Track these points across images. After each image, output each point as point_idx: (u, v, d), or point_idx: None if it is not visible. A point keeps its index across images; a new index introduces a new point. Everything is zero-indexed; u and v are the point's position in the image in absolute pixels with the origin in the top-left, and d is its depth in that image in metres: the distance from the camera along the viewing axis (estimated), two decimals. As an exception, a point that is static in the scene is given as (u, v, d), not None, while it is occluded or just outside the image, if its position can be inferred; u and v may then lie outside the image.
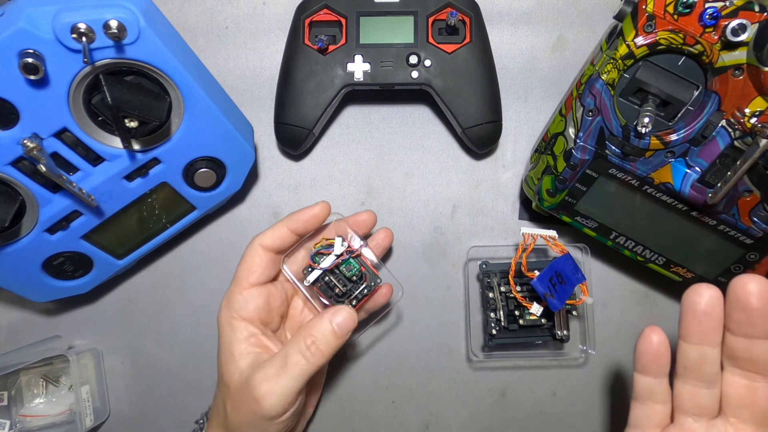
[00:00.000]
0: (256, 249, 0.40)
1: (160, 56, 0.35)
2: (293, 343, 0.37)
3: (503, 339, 0.45)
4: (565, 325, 0.44)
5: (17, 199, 0.37)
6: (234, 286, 0.40)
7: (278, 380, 0.36)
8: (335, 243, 0.41)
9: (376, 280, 0.42)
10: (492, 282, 0.45)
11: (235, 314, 0.39)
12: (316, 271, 0.41)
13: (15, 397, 0.48)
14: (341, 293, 0.42)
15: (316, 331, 0.37)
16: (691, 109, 0.37)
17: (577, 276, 0.42)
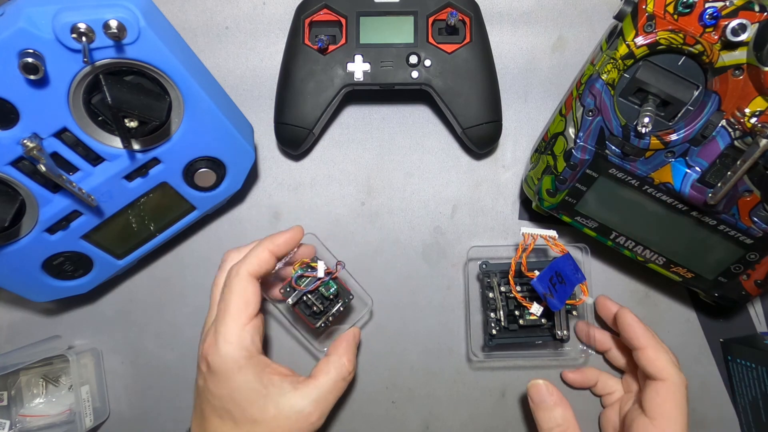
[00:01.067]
0: (247, 278, 0.38)
1: (160, 56, 0.35)
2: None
3: (503, 339, 0.45)
4: (566, 325, 0.44)
5: (17, 199, 0.37)
6: (231, 323, 0.37)
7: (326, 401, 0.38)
8: (318, 267, 0.42)
9: (349, 296, 0.44)
10: (492, 282, 0.45)
11: (245, 353, 0.37)
12: (298, 292, 0.43)
13: (15, 397, 0.48)
14: (319, 311, 0.43)
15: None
16: (691, 109, 0.37)
17: (577, 276, 0.42)
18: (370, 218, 0.50)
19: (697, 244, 0.42)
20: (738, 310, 0.50)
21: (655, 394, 0.38)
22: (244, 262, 0.38)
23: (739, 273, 0.42)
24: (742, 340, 0.49)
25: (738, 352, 0.48)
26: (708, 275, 0.43)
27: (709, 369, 0.50)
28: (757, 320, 0.50)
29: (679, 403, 0.38)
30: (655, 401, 0.38)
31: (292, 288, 0.43)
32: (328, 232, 0.50)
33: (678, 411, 0.37)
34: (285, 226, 0.50)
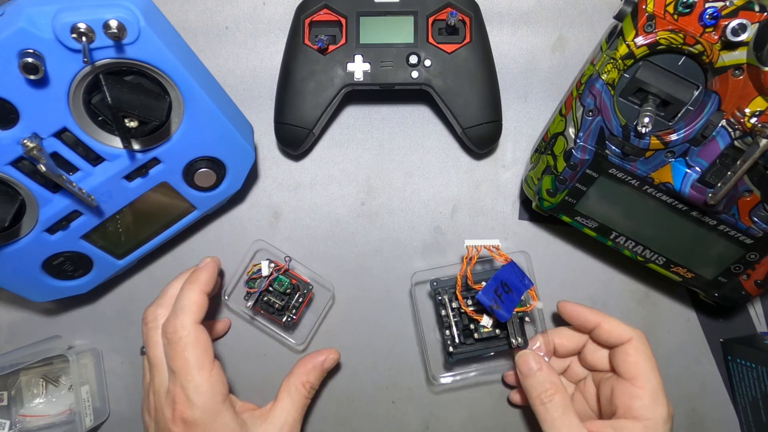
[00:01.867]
0: (197, 328, 0.38)
1: (160, 56, 0.35)
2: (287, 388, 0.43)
3: (462, 354, 0.44)
4: (520, 333, 0.43)
5: (17, 199, 0.37)
6: (197, 375, 0.37)
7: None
8: (263, 266, 0.46)
9: (308, 287, 0.47)
10: (443, 299, 0.44)
11: (220, 397, 0.37)
12: (254, 295, 0.46)
13: (15, 397, 0.48)
14: (281, 307, 0.47)
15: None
16: (691, 109, 0.37)
17: (524, 282, 0.42)
18: (370, 218, 0.50)
19: (697, 244, 0.42)
20: (738, 310, 0.50)
21: (626, 355, 0.39)
22: (185, 312, 0.38)
23: (739, 273, 0.42)
24: (742, 340, 0.49)
25: (738, 352, 0.48)
26: (708, 275, 0.43)
27: (709, 369, 0.50)
28: (757, 320, 0.50)
29: (649, 356, 0.39)
30: (628, 362, 0.39)
31: (248, 293, 0.46)
32: (328, 232, 0.50)
33: (650, 364, 0.39)
34: (285, 226, 0.50)
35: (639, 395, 0.38)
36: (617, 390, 0.39)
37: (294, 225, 0.50)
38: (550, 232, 0.50)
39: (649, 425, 0.37)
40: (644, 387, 0.38)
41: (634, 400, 0.38)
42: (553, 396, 0.38)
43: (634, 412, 0.37)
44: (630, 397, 0.38)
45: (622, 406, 0.38)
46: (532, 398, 0.39)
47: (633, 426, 0.37)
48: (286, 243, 0.50)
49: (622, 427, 0.37)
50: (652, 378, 0.38)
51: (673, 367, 0.50)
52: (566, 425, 0.37)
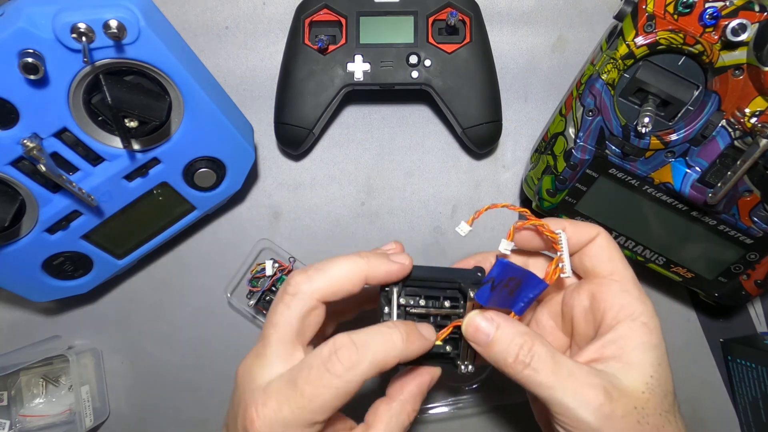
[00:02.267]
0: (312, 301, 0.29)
1: (160, 56, 0.35)
2: None
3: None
4: (472, 357, 0.32)
5: (17, 199, 0.37)
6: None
7: None
8: (267, 266, 0.46)
9: None
10: (390, 289, 0.31)
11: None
12: (256, 294, 0.46)
13: (15, 397, 0.48)
14: None
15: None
16: (691, 109, 0.37)
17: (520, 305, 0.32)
18: (370, 218, 0.50)
19: (697, 244, 0.42)
20: (738, 310, 0.50)
21: (599, 248, 0.32)
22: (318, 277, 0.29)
23: (739, 273, 0.42)
24: (742, 340, 0.49)
25: (738, 352, 0.48)
26: (708, 275, 0.43)
27: (709, 369, 0.50)
28: (757, 320, 0.50)
29: (618, 248, 0.33)
30: (603, 255, 0.32)
31: (250, 291, 0.47)
32: (328, 232, 0.50)
33: (623, 256, 0.33)
34: (285, 226, 0.50)
35: (626, 288, 0.31)
36: (598, 293, 0.31)
37: (294, 225, 0.50)
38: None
39: (645, 320, 0.30)
40: (627, 278, 0.32)
41: (623, 295, 0.31)
42: (532, 348, 0.28)
43: (626, 310, 0.30)
44: (617, 294, 0.31)
45: (611, 308, 0.30)
46: (510, 367, 0.29)
47: (630, 328, 0.29)
48: (286, 243, 0.50)
49: (620, 336, 0.29)
50: (629, 268, 0.32)
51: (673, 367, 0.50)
52: (565, 375, 0.28)
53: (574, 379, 0.27)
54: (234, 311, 0.50)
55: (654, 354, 0.29)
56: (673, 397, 0.30)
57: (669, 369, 0.30)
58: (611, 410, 0.27)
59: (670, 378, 0.29)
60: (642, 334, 0.29)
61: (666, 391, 0.29)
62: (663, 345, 0.30)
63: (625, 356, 0.29)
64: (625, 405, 0.27)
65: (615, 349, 0.29)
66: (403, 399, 0.31)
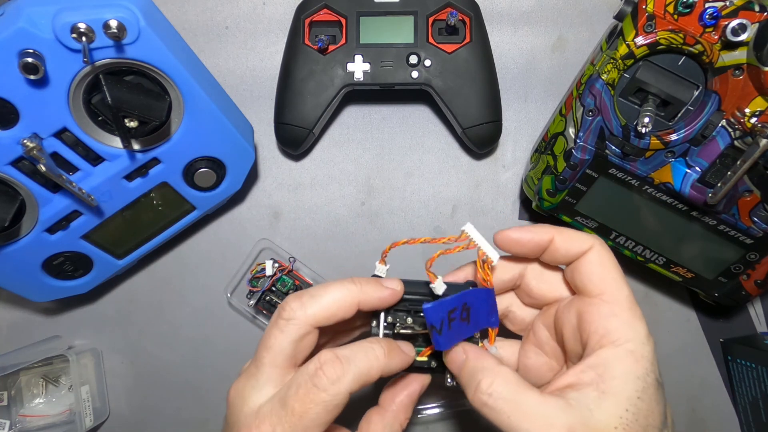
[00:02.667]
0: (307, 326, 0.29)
1: (160, 56, 0.35)
2: None
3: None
4: None
5: (17, 199, 0.37)
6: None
7: None
8: (267, 266, 0.46)
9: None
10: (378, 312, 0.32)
11: None
12: (256, 294, 0.46)
13: (15, 397, 0.48)
14: None
15: None
16: (691, 109, 0.37)
17: (490, 319, 0.32)
18: (370, 218, 0.50)
19: (697, 244, 0.42)
20: (738, 310, 0.50)
21: (590, 265, 0.30)
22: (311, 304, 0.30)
23: (739, 273, 0.42)
24: (742, 340, 0.49)
25: (738, 352, 0.48)
26: (708, 275, 0.43)
27: (709, 369, 0.50)
28: (757, 320, 0.50)
29: (616, 264, 0.30)
30: (594, 273, 0.30)
31: (250, 291, 0.47)
32: (328, 232, 0.50)
33: (619, 273, 0.30)
34: (285, 226, 0.50)
35: (614, 312, 0.29)
36: (585, 314, 0.29)
37: (294, 225, 0.50)
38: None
39: (633, 348, 0.27)
40: (618, 300, 0.29)
41: (610, 319, 0.29)
42: (492, 386, 0.27)
43: (612, 335, 0.28)
44: (603, 317, 0.29)
45: (596, 332, 0.28)
46: (471, 398, 0.28)
47: (614, 355, 0.27)
48: (286, 243, 0.50)
49: (602, 362, 0.27)
50: (624, 288, 0.30)
51: (673, 367, 0.50)
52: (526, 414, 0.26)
53: (535, 418, 0.26)
54: (234, 311, 0.50)
55: (635, 385, 0.26)
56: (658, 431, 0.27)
57: (657, 401, 0.27)
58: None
59: (655, 411, 0.27)
60: (626, 362, 0.27)
61: (646, 426, 0.26)
62: (652, 376, 0.27)
63: (602, 384, 0.27)
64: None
65: (594, 376, 0.27)
66: (396, 408, 0.32)
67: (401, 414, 0.32)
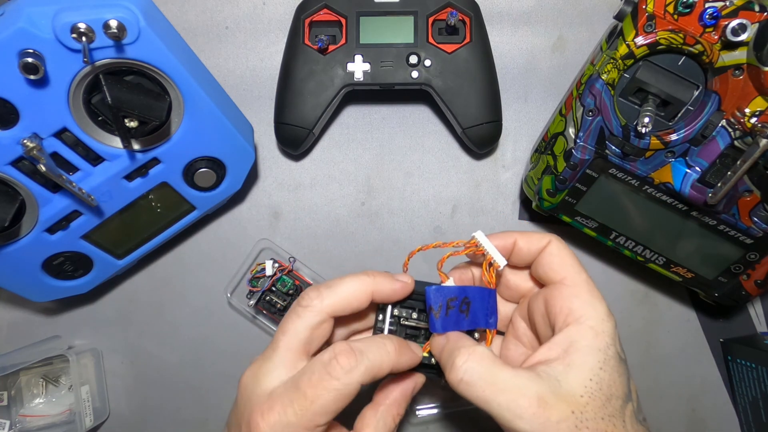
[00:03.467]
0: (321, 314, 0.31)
1: (160, 56, 0.35)
2: None
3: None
4: None
5: (17, 199, 0.37)
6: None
7: None
8: (267, 266, 0.46)
9: None
10: (385, 305, 0.34)
11: None
12: (256, 294, 0.46)
13: (15, 397, 0.48)
14: (282, 307, 0.47)
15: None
16: (691, 109, 0.37)
17: (489, 320, 0.33)
18: (370, 218, 0.50)
19: (697, 244, 0.42)
20: (738, 310, 0.50)
21: (550, 256, 0.33)
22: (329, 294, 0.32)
23: (739, 273, 0.42)
24: (742, 340, 0.49)
25: (738, 352, 0.48)
26: (708, 275, 0.43)
27: (709, 369, 0.50)
28: (757, 320, 0.50)
29: (572, 254, 0.33)
30: (554, 262, 0.33)
31: (250, 291, 0.47)
32: (328, 232, 0.50)
33: (576, 260, 0.33)
34: (285, 226, 0.50)
35: (575, 293, 0.31)
36: (551, 298, 0.32)
37: (294, 225, 0.50)
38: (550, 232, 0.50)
39: (595, 325, 0.30)
40: (577, 283, 0.32)
41: (572, 300, 0.31)
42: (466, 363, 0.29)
43: (575, 313, 0.30)
44: (565, 298, 0.31)
45: (561, 312, 0.31)
46: (448, 377, 0.30)
47: (577, 331, 0.30)
48: (286, 243, 0.50)
49: (567, 338, 0.30)
50: (582, 273, 0.32)
51: (673, 367, 0.50)
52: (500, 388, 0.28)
53: (507, 391, 0.28)
54: (234, 311, 0.50)
55: (597, 357, 0.29)
56: (623, 401, 0.29)
57: (619, 373, 0.29)
58: (546, 417, 0.27)
59: (617, 382, 0.29)
60: (587, 337, 0.29)
61: (609, 395, 0.28)
62: (612, 349, 0.29)
63: (567, 358, 0.29)
64: (561, 410, 0.27)
65: (559, 351, 0.30)
66: (389, 403, 0.33)
67: (393, 409, 0.34)
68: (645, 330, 0.50)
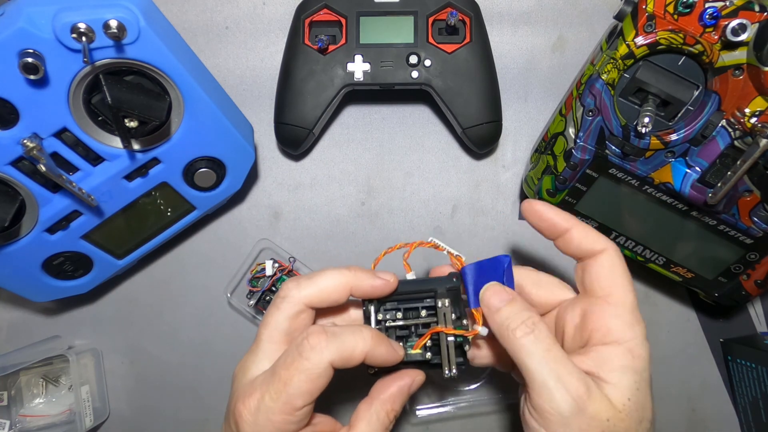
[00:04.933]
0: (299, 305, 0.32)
1: (160, 56, 0.35)
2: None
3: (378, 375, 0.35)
4: (454, 362, 0.32)
5: (17, 199, 0.37)
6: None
7: None
8: (267, 266, 0.46)
9: None
10: (368, 308, 0.33)
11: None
12: (256, 294, 0.46)
13: (15, 397, 0.48)
14: None
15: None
16: (691, 109, 0.37)
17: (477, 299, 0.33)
18: (370, 218, 0.50)
19: (697, 244, 0.42)
20: (738, 310, 0.50)
21: (600, 267, 0.32)
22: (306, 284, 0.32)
23: (739, 273, 0.42)
24: (742, 340, 0.49)
25: (738, 352, 0.48)
26: (708, 275, 0.43)
27: (709, 369, 0.50)
28: (757, 320, 0.50)
29: (626, 270, 0.32)
30: (603, 275, 0.32)
31: (250, 291, 0.47)
32: (328, 232, 0.50)
33: (628, 278, 0.32)
34: (285, 226, 0.50)
35: (617, 313, 0.31)
36: (590, 313, 0.31)
37: (294, 225, 0.50)
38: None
39: (632, 346, 0.30)
40: (622, 303, 0.31)
41: (613, 320, 0.30)
42: (536, 324, 0.29)
43: (613, 335, 0.30)
44: (606, 318, 0.31)
45: (598, 330, 0.30)
46: (509, 332, 0.30)
47: (614, 351, 0.30)
48: (286, 243, 0.50)
49: (602, 356, 0.30)
50: (630, 294, 0.32)
51: (673, 367, 0.50)
52: (559, 359, 0.28)
53: (562, 365, 0.28)
54: (234, 311, 0.50)
55: (634, 378, 0.29)
56: (650, 425, 0.29)
57: (649, 397, 0.29)
58: (585, 405, 0.27)
59: (649, 406, 0.29)
60: (624, 358, 0.29)
61: (642, 418, 0.29)
62: (646, 373, 0.29)
63: (603, 375, 0.29)
64: (599, 409, 0.27)
65: (593, 366, 0.29)
66: (383, 398, 0.33)
67: (388, 404, 0.33)
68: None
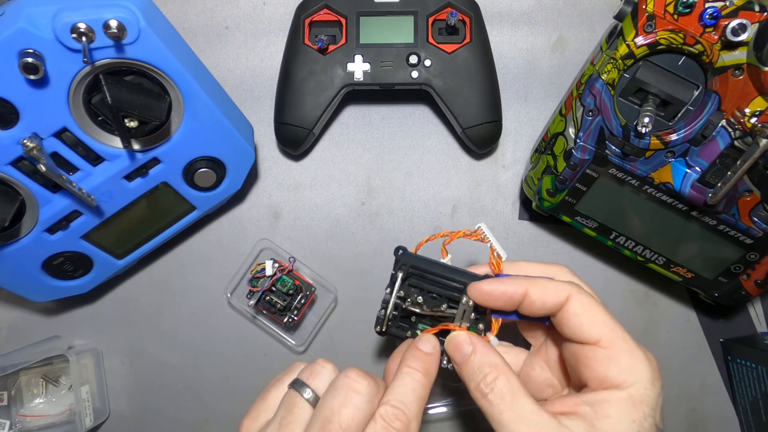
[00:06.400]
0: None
1: (160, 56, 0.35)
2: None
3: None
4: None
5: (17, 199, 0.37)
6: None
7: None
8: (267, 266, 0.47)
9: (311, 289, 0.48)
10: (396, 275, 0.33)
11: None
12: (256, 294, 0.46)
13: (15, 397, 0.48)
14: (282, 307, 0.47)
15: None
16: (691, 109, 0.37)
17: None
18: (370, 218, 0.50)
19: (697, 244, 0.42)
20: (738, 310, 0.50)
21: (574, 316, 0.29)
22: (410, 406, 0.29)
23: (739, 273, 0.42)
24: (742, 340, 0.49)
25: (738, 352, 0.48)
26: (708, 275, 0.43)
27: (709, 369, 0.50)
28: (757, 320, 0.50)
29: (600, 306, 0.29)
30: (582, 324, 0.29)
31: (250, 291, 0.47)
32: (328, 232, 0.50)
33: (606, 315, 0.29)
34: (285, 226, 0.50)
35: (613, 356, 0.28)
36: (583, 358, 0.29)
37: (294, 225, 0.50)
38: (550, 232, 0.50)
39: (635, 391, 0.27)
40: (615, 344, 0.28)
41: (609, 366, 0.28)
42: (495, 382, 0.28)
43: (612, 380, 0.27)
44: (601, 363, 0.28)
45: (595, 378, 0.28)
46: (472, 391, 0.29)
47: (615, 397, 0.27)
48: (286, 243, 0.50)
49: (601, 402, 0.27)
50: (617, 329, 0.28)
51: (673, 367, 0.50)
52: (518, 416, 0.27)
53: (525, 423, 0.27)
54: (234, 311, 0.50)
55: (629, 428, 0.26)
56: None
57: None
58: None
59: None
60: (623, 406, 0.27)
61: None
62: (650, 420, 0.27)
63: (596, 421, 0.27)
64: None
65: (588, 411, 0.27)
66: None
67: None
68: (645, 330, 0.50)
